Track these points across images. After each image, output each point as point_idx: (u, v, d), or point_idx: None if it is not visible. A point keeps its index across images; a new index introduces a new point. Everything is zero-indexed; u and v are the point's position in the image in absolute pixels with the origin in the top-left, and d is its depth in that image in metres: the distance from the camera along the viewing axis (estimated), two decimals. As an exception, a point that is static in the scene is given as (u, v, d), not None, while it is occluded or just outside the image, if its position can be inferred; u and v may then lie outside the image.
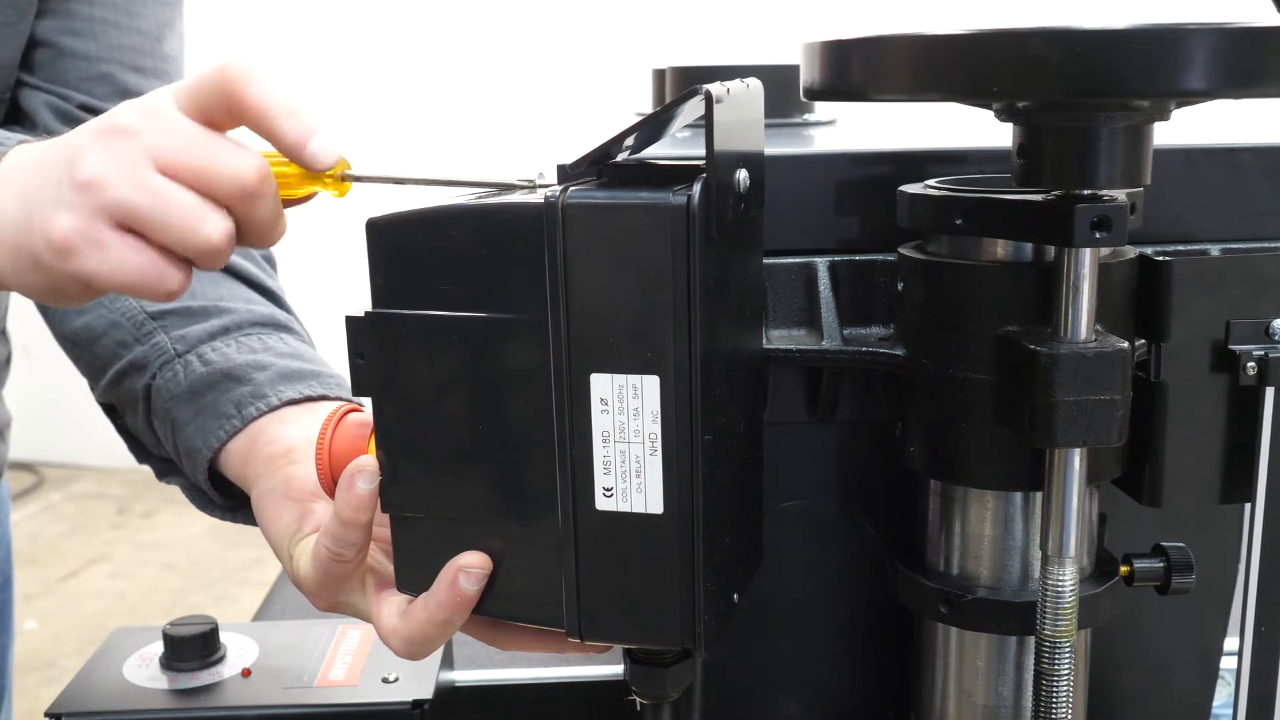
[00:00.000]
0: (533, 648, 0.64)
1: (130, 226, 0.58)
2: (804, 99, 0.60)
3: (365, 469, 0.61)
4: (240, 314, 0.86)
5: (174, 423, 0.82)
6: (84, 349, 0.89)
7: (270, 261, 0.95)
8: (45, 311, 0.92)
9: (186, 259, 0.60)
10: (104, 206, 0.58)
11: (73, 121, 0.86)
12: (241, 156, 0.58)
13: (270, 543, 0.71)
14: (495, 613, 0.61)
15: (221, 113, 0.59)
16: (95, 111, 0.87)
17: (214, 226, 0.58)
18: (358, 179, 0.61)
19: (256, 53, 3.80)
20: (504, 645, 0.65)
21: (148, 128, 0.58)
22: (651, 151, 0.61)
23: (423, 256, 0.57)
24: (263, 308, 0.87)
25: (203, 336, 0.84)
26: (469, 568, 0.59)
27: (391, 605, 0.64)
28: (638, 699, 0.66)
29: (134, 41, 0.93)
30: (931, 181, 0.63)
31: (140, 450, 0.89)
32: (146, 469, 0.89)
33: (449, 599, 0.59)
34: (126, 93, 0.92)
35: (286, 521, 0.70)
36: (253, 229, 0.60)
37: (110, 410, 0.89)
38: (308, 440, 0.74)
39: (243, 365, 0.82)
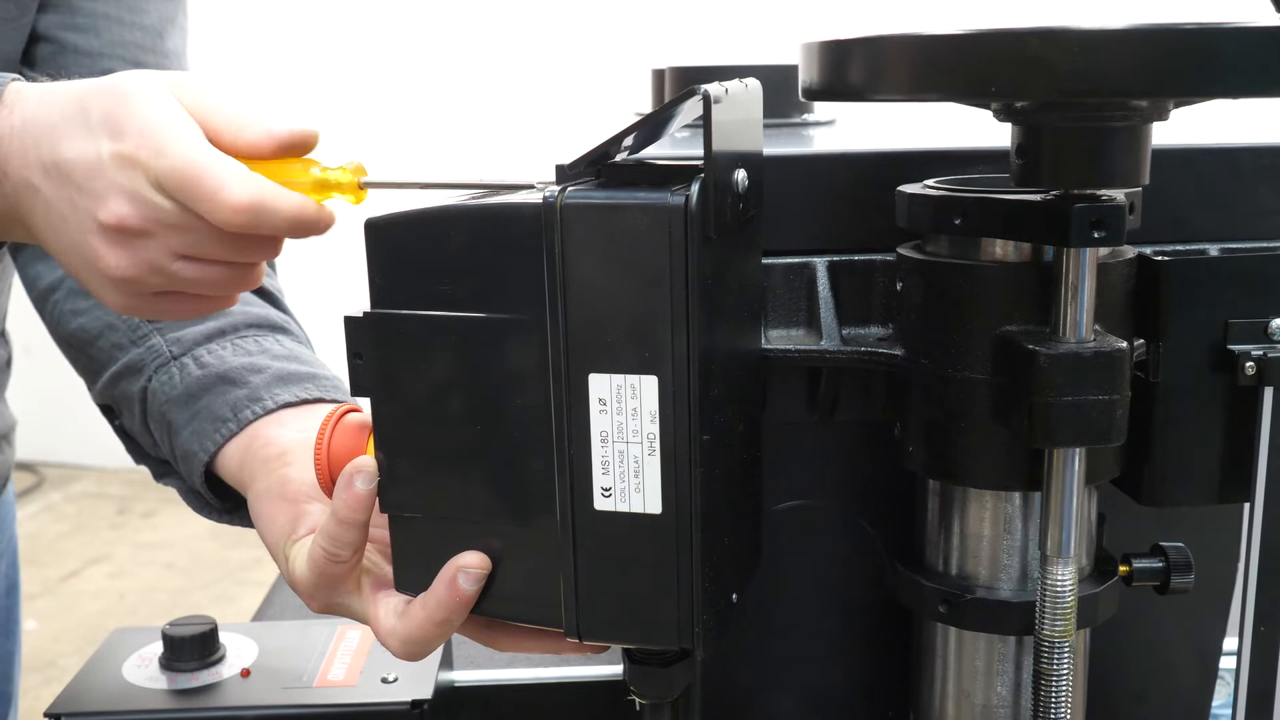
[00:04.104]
0: (529, 648, 0.63)
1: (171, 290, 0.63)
2: (803, 99, 0.60)
3: (364, 469, 0.61)
4: (236, 316, 0.85)
5: (170, 426, 0.82)
6: (80, 351, 0.89)
7: (269, 262, 0.95)
8: (43, 313, 0.92)
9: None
10: (144, 294, 0.62)
11: None
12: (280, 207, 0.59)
13: (266, 544, 0.71)
14: (493, 613, 0.61)
15: None
16: None
17: (248, 281, 0.64)
18: (374, 185, 0.61)
19: (258, 51, 3.81)
20: (500, 646, 0.65)
21: (157, 228, 0.60)
22: (650, 151, 0.61)
23: (421, 257, 0.57)
24: (259, 309, 0.87)
25: (198, 339, 0.84)
26: (468, 567, 0.59)
27: (389, 606, 0.64)
28: (638, 699, 0.66)
29: (136, 37, 0.92)
30: (930, 181, 0.63)
31: (137, 451, 0.88)
32: (146, 469, 0.89)
33: (448, 598, 0.59)
34: None
35: (282, 523, 0.70)
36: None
37: (108, 411, 0.89)
38: (304, 442, 0.73)
39: (238, 368, 0.81)
